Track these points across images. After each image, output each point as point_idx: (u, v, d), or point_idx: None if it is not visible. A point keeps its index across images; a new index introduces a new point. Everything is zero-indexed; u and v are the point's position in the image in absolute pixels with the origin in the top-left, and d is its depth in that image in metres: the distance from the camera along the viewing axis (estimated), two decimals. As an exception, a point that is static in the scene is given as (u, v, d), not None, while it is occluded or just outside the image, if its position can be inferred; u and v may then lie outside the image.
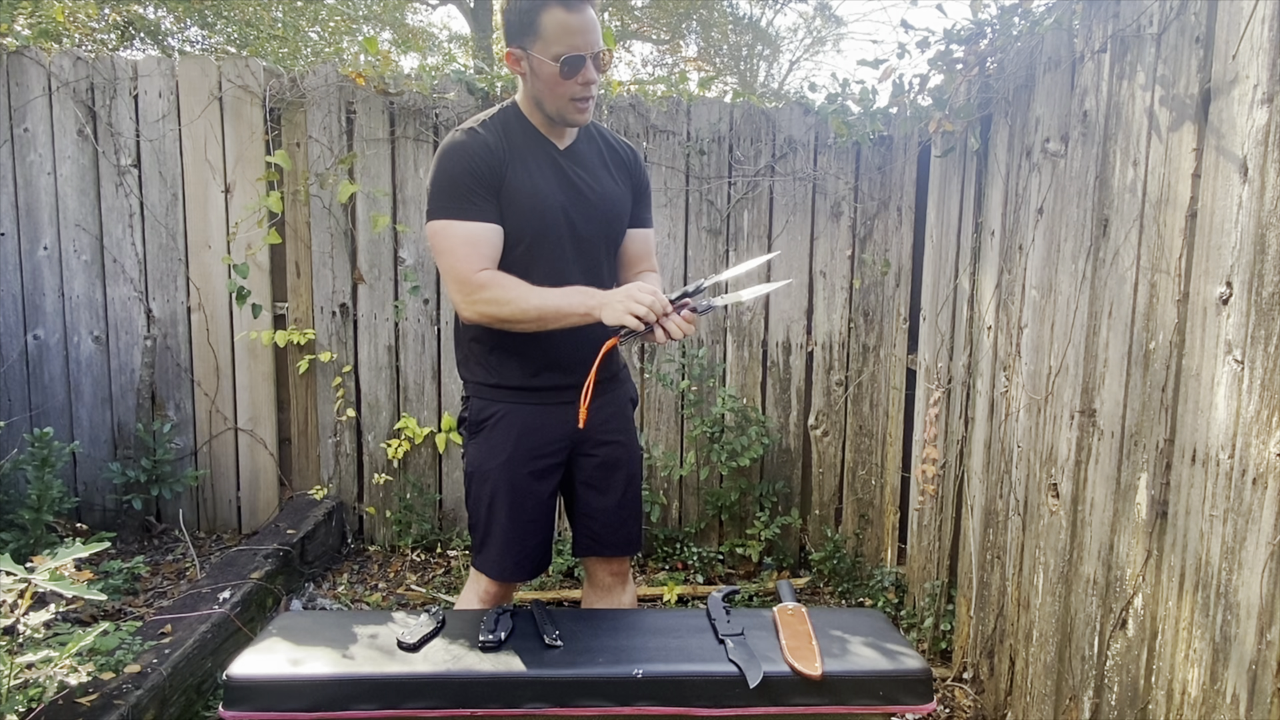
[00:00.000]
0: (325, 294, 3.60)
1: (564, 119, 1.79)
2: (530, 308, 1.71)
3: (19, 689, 1.68)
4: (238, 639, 2.56)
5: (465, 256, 1.72)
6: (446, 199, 1.73)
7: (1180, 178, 1.59)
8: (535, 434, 1.86)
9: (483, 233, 1.74)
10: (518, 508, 1.86)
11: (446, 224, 1.73)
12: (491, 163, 1.74)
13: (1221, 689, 1.45)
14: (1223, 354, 1.45)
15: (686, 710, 1.45)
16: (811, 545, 3.70)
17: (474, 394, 1.90)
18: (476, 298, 1.72)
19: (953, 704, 2.58)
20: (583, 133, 1.91)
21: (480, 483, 1.87)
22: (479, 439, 1.88)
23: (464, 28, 12.82)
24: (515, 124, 1.82)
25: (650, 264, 2.06)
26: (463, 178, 1.72)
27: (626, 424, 2.01)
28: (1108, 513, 1.84)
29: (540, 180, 1.79)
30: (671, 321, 1.66)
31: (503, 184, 1.76)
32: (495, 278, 1.73)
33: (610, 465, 1.96)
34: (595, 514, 1.97)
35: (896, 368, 3.41)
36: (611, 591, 2.04)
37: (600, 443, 1.95)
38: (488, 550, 1.89)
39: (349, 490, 3.71)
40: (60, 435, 3.51)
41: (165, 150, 3.52)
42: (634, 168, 2.00)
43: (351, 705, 1.43)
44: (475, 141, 1.75)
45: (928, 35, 2.62)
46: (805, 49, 14.79)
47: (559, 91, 1.73)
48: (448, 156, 1.74)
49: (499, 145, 1.76)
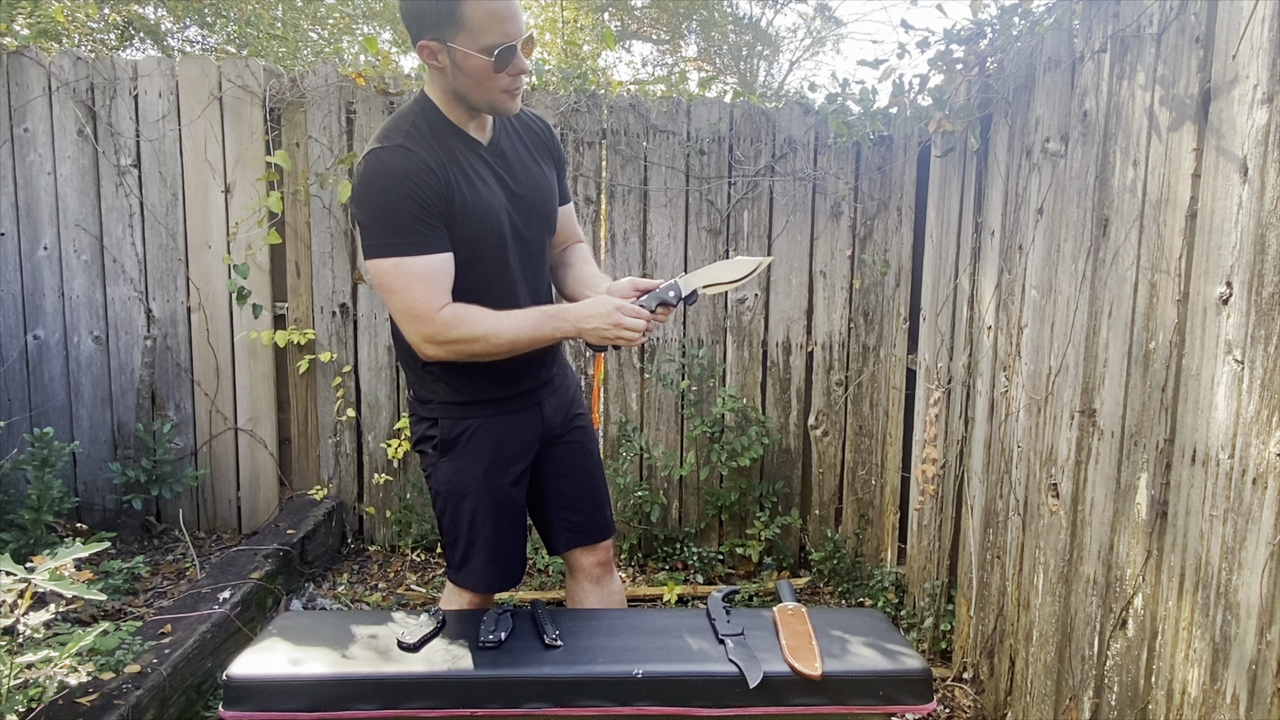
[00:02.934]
0: (325, 294, 3.60)
1: (495, 110, 1.67)
2: (504, 341, 1.64)
3: (19, 689, 1.68)
4: (238, 639, 2.56)
5: (423, 295, 1.59)
6: (391, 234, 1.57)
7: (1180, 178, 1.59)
8: (509, 443, 1.83)
9: (438, 265, 1.60)
10: (500, 518, 1.83)
11: (397, 262, 1.58)
12: (438, 188, 1.59)
13: (1221, 689, 1.45)
14: (1223, 354, 1.45)
15: (686, 710, 1.46)
16: (811, 545, 3.70)
17: (441, 414, 1.80)
18: (444, 338, 1.61)
19: (953, 704, 2.58)
20: (497, 126, 1.77)
21: (457, 500, 1.81)
22: (451, 456, 1.80)
23: (464, 28, 12.79)
24: (442, 129, 1.66)
25: (577, 235, 1.99)
26: (407, 207, 1.56)
27: (582, 406, 2.00)
28: (1108, 513, 1.84)
29: (485, 192, 1.68)
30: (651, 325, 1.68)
31: (450, 209, 1.62)
32: (459, 314, 1.61)
33: (577, 449, 1.95)
34: (572, 502, 1.94)
35: (896, 368, 3.41)
36: (601, 582, 1.98)
37: (567, 429, 1.93)
38: (471, 565, 1.84)
39: (349, 490, 3.71)
40: (60, 435, 3.51)
41: (165, 150, 3.52)
42: (551, 144, 1.89)
43: (351, 705, 1.43)
44: (413, 164, 1.57)
45: (928, 35, 2.63)
46: (805, 49, 14.78)
47: (489, 84, 1.59)
48: (385, 183, 1.56)
49: (439, 165, 1.61)
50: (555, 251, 1.96)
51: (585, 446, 1.97)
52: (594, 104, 3.50)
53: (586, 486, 1.95)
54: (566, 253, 1.99)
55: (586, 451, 1.97)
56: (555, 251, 1.96)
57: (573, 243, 2.00)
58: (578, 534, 1.95)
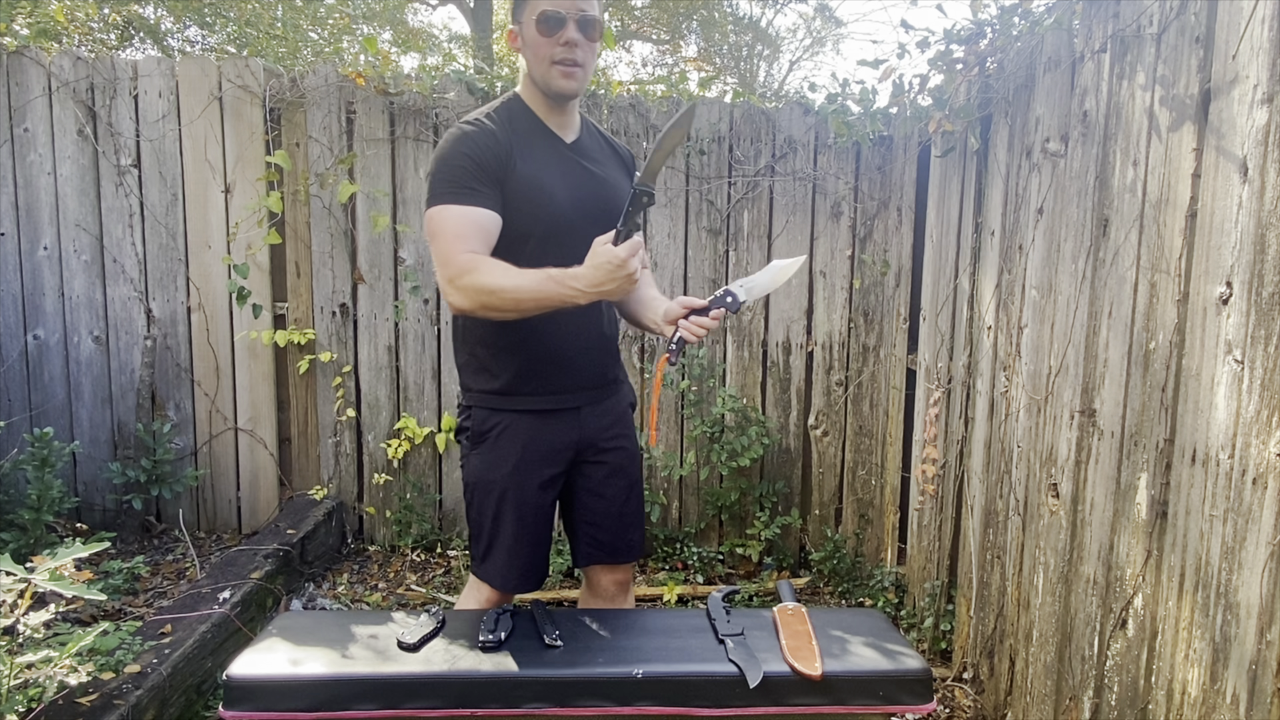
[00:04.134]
0: (325, 294, 3.60)
1: (548, 85, 1.73)
2: (511, 298, 1.63)
3: (19, 689, 1.68)
4: (238, 639, 2.56)
5: (454, 239, 1.66)
6: (444, 185, 1.69)
7: (1180, 178, 1.59)
8: (540, 444, 1.83)
9: (477, 218, 1.67)
10: (523, 519, 1.83)
11: (442, 209, 1.68)
12: (496, 151, 1.70)
13: (1221, 689, 1.45)
14: (1223, 354, 1.45)
15: (686, 710, 1.45)
16: (811, 545, 3.70)
17: (476, 403, 1.84)
18: (462, 282, 1.63)
19: (953, 704, 2.58)
20: (585, 128, 1.88)
21: (484, 494, 1.83)
22: (482, 450, 1.83)
23: (464, 28, 12.82)
24: (521, 116, 1.78)
25: (643, 261, 2.04)
26: (462, 162, 1.68)
27: (629, 428, 2.00)
28: (1108, 513, 1.84)
29: (547, 175, 1.75)
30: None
31: (508, 175, 1.71)
32: (479, 262, 1.64)
33: (616, 471, 1.94)
34: (600, 521, 1.94)
35: (896, 368, 3.41)
36: (614, 600, 2.01)
37: (606, 449, 1.93)
38: (492, 561, 1.86)
39: (349, 490, 3.71)
40: (60, 435, 3.51)
41: (165, 150, 3.52)
42: (632, 170, 1.98)
43: (351, 705, 1.43)
44: (479, 130, 1.71)
45: (928, 35, 2.63)
46: (805, 49, 14.78)
47: (541, 54, 1.71)
48: (449, 143, 1.71)
49: (504, 136, 1.72)
50: None
51: (624, 469, 1.96)
52: (594, 104, 3.50)
53: (617, 509, 1.95)
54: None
55: (624, 474, 1.96)
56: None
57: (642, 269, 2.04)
58: (601, 551, 1.96)
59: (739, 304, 1.73)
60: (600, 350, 1.90)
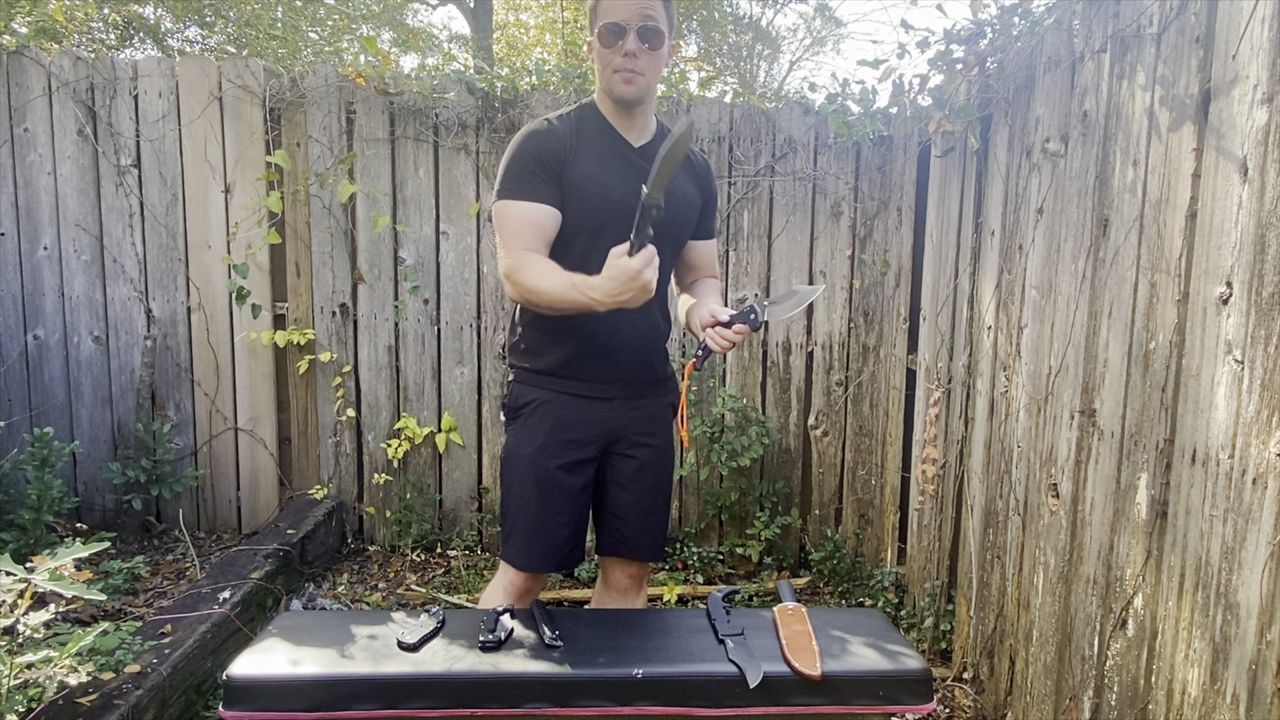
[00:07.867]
0: (325, 294, 3.60)
1: (611, 91, 1.81)
2: (544, 301, 1.71)
3: (19, 689, 1.68)
4: (238, 639, 2.56)
5: (511, 234, 1.76)
6: (507, 180, 1.79)
7: (1180, 178, 1.59)
8: (569, 426, 1.87)
9: (534, 214, 1.77)
10: (545, 498, 1.86)
11: (504, 204, 1.78)
12: (556, 148, 1.78)
13: (1221, 689, 1.45)
14: (1223, 354, 1.45)
15: (686, 710, 1.45)
16: (811, 545, 3.70)
17: (515, 378, 1.93)
18: (514, 278, 1.74)
19: (953, 704, 2.58)
20: (661, 134, 1.92)
21: (512, 469, 1.89)
22: (515, 425, 1.91)
23: (464, 28, 12.81)
24: (590, 119, 1.86)
25: (713, 272, 2.10)
26: (525, 159, 1.77)
27: (665, 428, 2.02)
28: (1107, 513, 1.84)
29: (605, 173, 1.81)
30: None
31: (565, 170, 1.79)
32: (529, 261, 1.73)
33: (645, 467, 1.97)
34: (624, 515, 1.97)
35: (896, 368, 3.41)
36: (626, 595, 2.03)
37: (638, 444, 1.95)
38: (513, 540, 1.90)
39: (349, 490, 3.71)
40: (60, 435, 3.51)
41: (165, 150, 3.52)
42: (705, 177, 2.02)
43: (351, 705, 1.43)
44: (544, 128, 1.81)
45: (928, 35, 2.63)
46: (805, 49, 14.78)
47: (604, 63, 1.80)
48: (517, 141, 1.80)
49: (568, 134, 1.81)
50: (688, 279, 2.08)
51: (653, 467, 1.98)
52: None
53: (644, 505, 1.98)
54: (697, 284, 2.07)
55: (652, 472, 1.98)
56: (688, 279, 2.08)
57: (706, 275, 2.08)
58: (620, 544, 1.99)
59: (760, 323, 1.80)
60: (644, 348, 1.94)
